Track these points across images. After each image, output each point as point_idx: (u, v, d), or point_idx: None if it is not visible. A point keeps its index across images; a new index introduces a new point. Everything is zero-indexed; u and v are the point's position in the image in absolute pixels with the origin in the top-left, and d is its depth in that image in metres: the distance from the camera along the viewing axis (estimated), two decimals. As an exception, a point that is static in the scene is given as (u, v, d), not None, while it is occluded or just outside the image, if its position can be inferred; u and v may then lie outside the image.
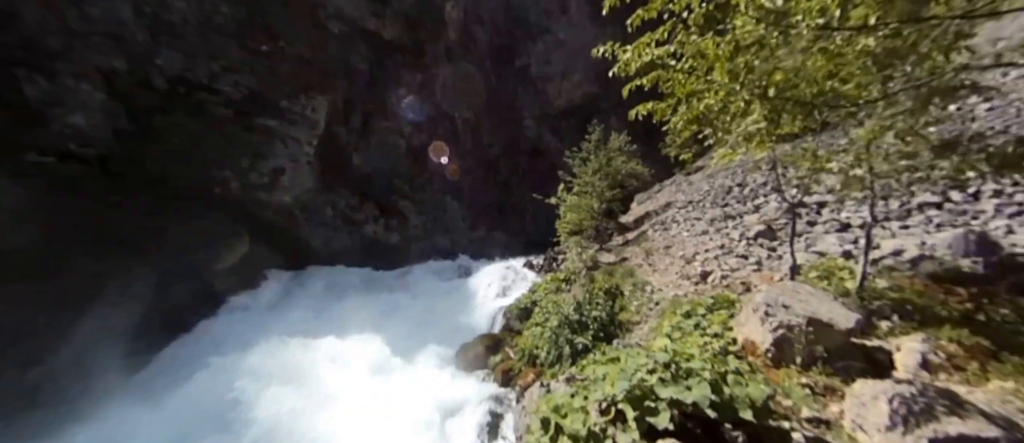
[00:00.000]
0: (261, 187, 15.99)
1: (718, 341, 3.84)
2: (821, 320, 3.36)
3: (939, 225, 9.19)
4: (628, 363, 2.43)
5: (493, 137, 28.61)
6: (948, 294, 5.82)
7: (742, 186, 15.76)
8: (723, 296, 5.05)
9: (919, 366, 3.40)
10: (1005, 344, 3.74)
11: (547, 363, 7.35)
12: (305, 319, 11.77)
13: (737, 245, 10.11)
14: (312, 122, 18.10)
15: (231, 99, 16.01)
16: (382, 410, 7.43)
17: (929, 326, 4.20)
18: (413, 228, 21.88)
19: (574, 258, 13.29)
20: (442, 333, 10.88)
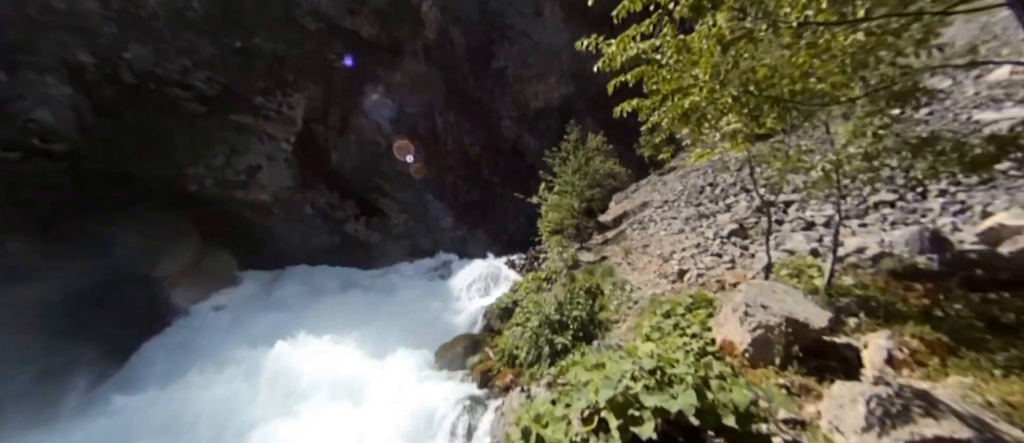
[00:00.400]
0: (237, 184, 15.33)
1: (697, 341, 3.84)
2: (797, 320, 3.39)
3: (894, 223, 9.61)
4: (613, 369, 2.37)
5: (473, 137, 28.38)
6: (907, 290, 6.05)
7: (713, 186, 16.10)
8: (701, 295, 5.09)
9: (885, 362, 3.48)
10: (962, 339, 3.88)
11: (526, 363, 7.28)
12: (280, 321, 11.29)
13: (712, 243, 10.29)
14: (289, 119, 17.47)
15: (204, 95, 15.28)
16: (355, 416, 7.19)
17: (893, 322, 4.33)
18: (394, 226, 21.46)
19: (555, 257, 13.29)
20: (421, 334, 10.67)
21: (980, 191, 9.48)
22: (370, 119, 22.56)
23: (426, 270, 18.40)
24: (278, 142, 16.87)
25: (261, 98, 16.71)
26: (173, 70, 14.68)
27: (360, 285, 15.13)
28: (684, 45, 3.31)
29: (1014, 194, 8.97)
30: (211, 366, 9.39)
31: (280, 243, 16.72)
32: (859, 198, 10.65)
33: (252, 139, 16.04)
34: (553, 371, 6.14)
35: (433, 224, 23.57)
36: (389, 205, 21.45)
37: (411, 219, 22.26)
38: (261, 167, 15.98)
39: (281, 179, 16.76)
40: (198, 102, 15.07)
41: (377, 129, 22.78)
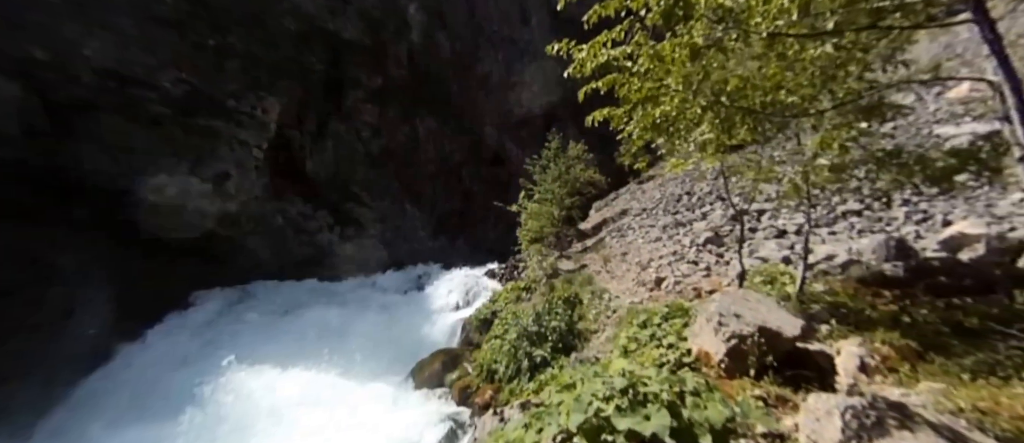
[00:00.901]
0: (202, 194, 14.62)
1: (674, 352, 3.78)
2: (770, 329, 3.36)
3: (861, 231, 9.95)
4: (584, 390, 2.25)
5: (455, 144, 28.15)
6: (876, 297, 6.19)
7: (690, 194, 16.41)
8: (677, 304, 5.07)
9: (858, 369, 3.49)
10: (930, 345, 3.94)
11: (505, 378, 7.08)
12: (246, 340, 10.61)
13: (688, 251, 10.40)
14: (262, 124, 16.89)
15: (170, 97, 14.56)
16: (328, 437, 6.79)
17: (863, 329, 4.38)
18: (371, 237, 20.94)
19: (535, 266, 13.19)
20: (398, 349, 10.25)
21: (941, 201, 9.92)
22: (348, 125, 22.10)
23: (404, 281, 17.94)
24: (249, 148, 16.26)
25: (233, 101, 16.09)
26: (137, 69, 13.91)
27: (334, 299, 14.54)
28: (655, 53, 3.29)
29: (972, 204, 9.41)
30: (161, 407, 8.46)
31: (248, 257, 15.97)
32: (828, 207, 11.00)
33: (221, 145, 15.40)
34: (532, 386, 5.99)
35: (412, 234, 23.15)
36: (366, 215, 20.95)
37: (388, 229, 21.79)
38: (230, 175, 15.33)
39: (251, 188, 16.12)
40: (163, 104, 14.35)
41: (356, 135, 22.32)
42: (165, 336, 11.81)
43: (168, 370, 9.72)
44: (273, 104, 17.39)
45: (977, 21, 2.60)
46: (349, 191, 20.80)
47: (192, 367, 9.57)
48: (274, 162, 17.77)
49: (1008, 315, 4.70)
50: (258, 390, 8.45)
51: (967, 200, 9.65)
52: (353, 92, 22.58)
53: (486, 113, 30.37)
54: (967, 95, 14.46)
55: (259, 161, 16.57)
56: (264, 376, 8.90)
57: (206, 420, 7.75)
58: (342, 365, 9.32)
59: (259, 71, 17.16)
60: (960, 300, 5.53)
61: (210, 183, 14.81)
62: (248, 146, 16.19)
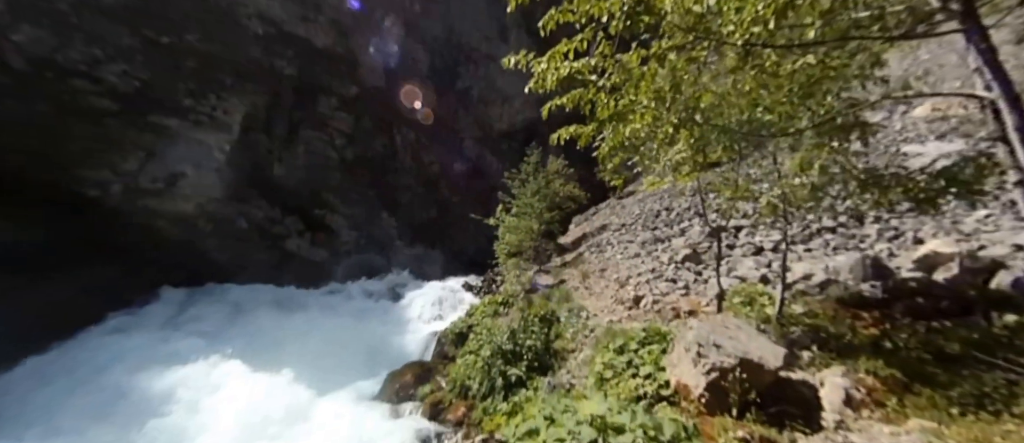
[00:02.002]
0: (151, 193, 13.67)
1: (651, 384, 3.48)
2: (752, 361, 3.10)
3: (836, 248, 10.05)
4: (549, 436, 1.91)
5: (433, 155, 27.78)
6: (855, 319, 6.11)
7: (669, 210, 16.45)
8: (654, 328, 4.81)
9: (844, 403, 3.27)
10: (915, 374, 3.78)
11: (479, 396, 6.66)
12: (197, 345, 9.69)
13: (666, 268, 10.25)
14: (223, 125, 16.06)
15: (117, 92, 13.59)
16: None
17: (845, 357, 4.21)
18: (344, 244, 20.16)
19: (512, 280, 12.85)
20: (367, 360, 9.61)
21: (910, 218, 10.16)
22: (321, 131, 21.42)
23: (377, 290, 17.24)
24: (210, 149, 15.42)
25: (190, 100, 15.23)
26: (78, 60, 12.84)
27: (299, 306, 13.74)
28: (622, 66, 3.06)
29: (939, 221, 9.64)
30: (88, 409, 7.68)
31: (205, 259, 15.03)
32: (803, 224, 11.13)
33: (177, 144, 14.50)
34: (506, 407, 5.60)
35: (387, 243, 22.46)
36: (338, 222, 20.20)
37: (362, 237, 21.07)
38: (185, 175, 14.44)
39: (209, 189, 15.23)
40: (109, 98, 13.37)
41: (329, 141, 21.64)
42: (114, 331, 10.87)
43: (103, 371, 8.77)
44: (237, 106, 16.62)
45: (966, 31, 2.46)
46: (321, 197, 20.04)
47: (130, 369, 8.67)
48: (239, 165, 16.94)
49: (988, 340, 4.62)
50: (206, 392, 7.72)
51: (934, 217, 9.91)
52: (326, 99, 21.97)
53: (466, 126, 30.20)
54: (930, 114, 15.11)
55: (221, 164, 15.72)
56: (212, 382, 8.17)
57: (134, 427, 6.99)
58: (304, 374, 8.60)
59: (221, 72, 16.36)
60: (939, 323, 5.48)
61: (162, 183, 13.90)
62: (209, 147, 15.35)
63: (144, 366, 8.64)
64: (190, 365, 8.72)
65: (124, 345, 9.84)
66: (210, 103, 15.82)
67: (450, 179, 28.79)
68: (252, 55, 18.11)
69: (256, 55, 18.37)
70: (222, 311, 12.48)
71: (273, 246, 17.21)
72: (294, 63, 20.33)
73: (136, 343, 9.93)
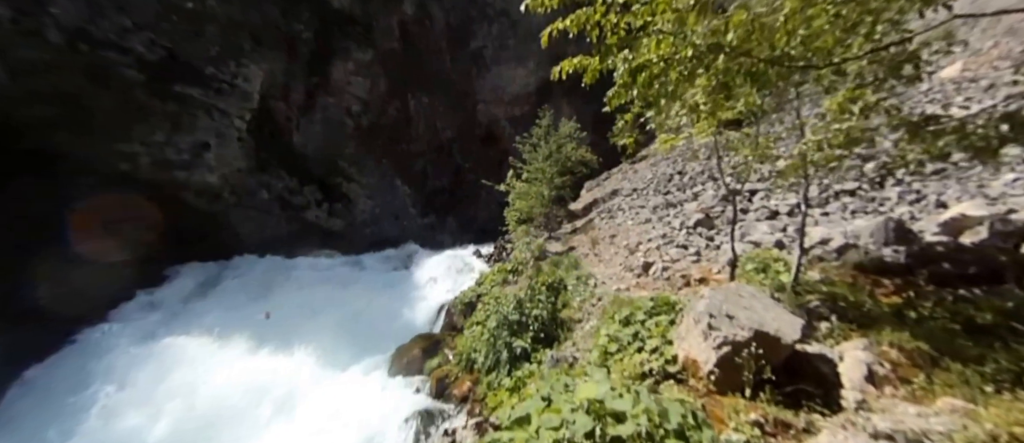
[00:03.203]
0: (179, 165, 13.74)
1: (657, 359, 3.22)
2: (768, 333, 2.78)
3: (854, 212, 9.39)
4: (542, 422, 1.68)
5: (446, 121, 27.08)
6: (875, 285, 5.67)
7: (682, 174, 15.73)
8: (663, 297, 4.50)
9: (865, 379, 2.95)
10: (944, 347, 3.41)
11: (484, 369, 6.53)
12: (220, 319, 9.87)
13: (678, 234, 9.81)
14: (244, 93, 15.82)
15: (144, 61, 13.48)
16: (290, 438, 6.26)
17: (866, 327, 3.85)
18: (360, 214, 20.20)
19: (522, 248, 12.61)
20: (378, 332, 9.62)
21: (933, 181, 9.38)
22: (337, 98, 20.99)
23: (391, 260, 17.30)
24: (230, 118, 15.27)
25: (212, 68, 15.00)
26: (109, 30, 12.79)
27: (318, 277, 13.87)
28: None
29: (964, 184, 8.85)
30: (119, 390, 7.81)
31: (230, 231, 15.21)
32: (821, 187, 10.42)
33: (199, 114, 14.40)
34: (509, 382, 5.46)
35: (401, 211, 22.42)
36: (354, 191, 20.14)
37: (378, 206, 21.04)
38: (209, 146, 14.40)
39: (233, 160, 15.22)
40: (137, 69, 13.28)
41: (345, 108, 21.24)
42: (143, 307, 11.20)
43: (134, 349, 9.07)
44: (255, 72, 16.28)
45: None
46: (337, 166, 19.92)
47: (159, 345, 8.94)
48: (259, 134, 16.82)
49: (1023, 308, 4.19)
50: (227, 365, 7.90)
51: (959, 180, 9.11)
52: (342, 64, 21.37)
53: (479, 89, 29.17)
54: (959, 75, 13.71)
55: (241, 132, 15.61)
56: (232, 355, 8.34)
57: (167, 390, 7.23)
58: (318, 347, 8.72)
59: (240, 37, 15.97)
60: (968, 291, 5.01)
61: (187, 153, 13.92)
62: (229, 116, 15.20)
63: (163, 340, 8.86)
64: (211, 338, 8.85)
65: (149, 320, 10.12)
66: (230, 70, 15.55)
67: (463, 145, 28.20)
68: (270, 18, 17.54)
69: (274, 17, 17.80)
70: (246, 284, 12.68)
71: (293, 217, 17.32)
72: (311, 26, 19.67)
73: (164, 318, 10.18)
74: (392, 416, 6.20)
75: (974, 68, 13.53)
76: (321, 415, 6.75)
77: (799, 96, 5.21)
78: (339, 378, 8.08)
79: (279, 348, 8.73)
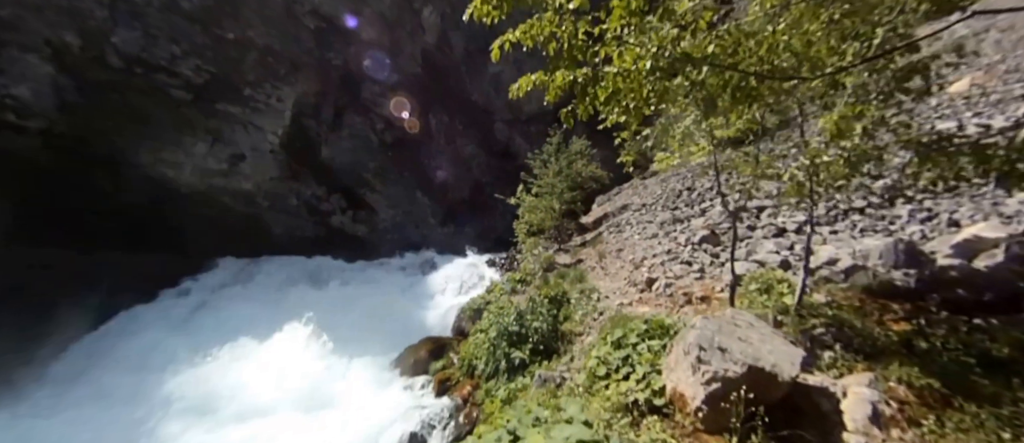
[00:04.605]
0: (218, 172, 14.32)
1: (644, 390, 2.94)
2: (763, 369, 2.50)
3: (863, 230, 8.79)
4: None
5: (466, 138, 27.37)
6: (884, 311, 5.21)
7: (691, 190, 15.24)
8: (656, 320, 4.21)
9: (870, 420, 2.62)
10: (957, 385, 3.03)
11: (484, 376, 6.35)
12: (247, 310, 10.19)
13: (683, 250, 9.40)
14: (278, 112, 16.38)
15: (191, 83, 14.22)
16: (295, 425, 6.21)
17: (873, 359, 3.48)
18: (382, 221, 20.45)
19: (530, 259, 12.41)
20: (390, 332, 9.59)
21: (946, 198, 8.72)
22: (363, 116, 21.47)
23: (410, 265, 17.37)
24: (265, 133, 15.79)
25: (250, 89, 15.63)
26: (161, 56, 13.66)
27: (339, 278, 14.06)
28: None
29: (978, 202, 8.19)
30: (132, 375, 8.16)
31: (262, 232, 15.71)
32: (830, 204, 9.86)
33: (238, 129, 14.99)
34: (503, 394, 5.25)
35: (421, 220, 22.59)
36: (378, 200, 20.42)
37: (399, 215, 21.26)
38: (244, 157, 14.93)
39: (266, 170, 15.72)
40: (184, 90, 14.01)
41: (370, 126, 21.70)
42: (180, 293, 11.70)
43: (163, 332, 9.48)
44: (289, 94, 16.83)
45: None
46: (362, 178, 20.28)
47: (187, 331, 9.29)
48: (291, 147, 17.32)
49: (1047, 346, 3.71)
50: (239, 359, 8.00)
51: (973, 198, 8.43)
52: (369, 86, 21.93)
53: (497, 109, 29.38)
54: (969, 89, 12.88)
55: (274, 146, 16.11)
56: (252, 346, 8.46)
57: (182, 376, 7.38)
58: (332, 344, 8.75)
59: (278, 64, 16.62)
60: (983, 319, 4.52)
61: (226, 163, 14.47)
62: (264, 132, 15.73)
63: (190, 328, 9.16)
64: (237, 329, 9.02)
65: (182, 307, 10.48)
66: (266, 92, 16.15)
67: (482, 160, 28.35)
68: (305, 47, 18.18)
69: (309, 47, 18.44)
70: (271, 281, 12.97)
71: (320, 222, 17.69)
72: (342, 54, 20.31)
73: (197, 305, 10.53)
74: (393, 411, 6.10)
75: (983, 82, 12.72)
76: (327, 404, 6.72)
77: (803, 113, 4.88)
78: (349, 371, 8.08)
79: (299, 337, 8.85)
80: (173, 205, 13.78)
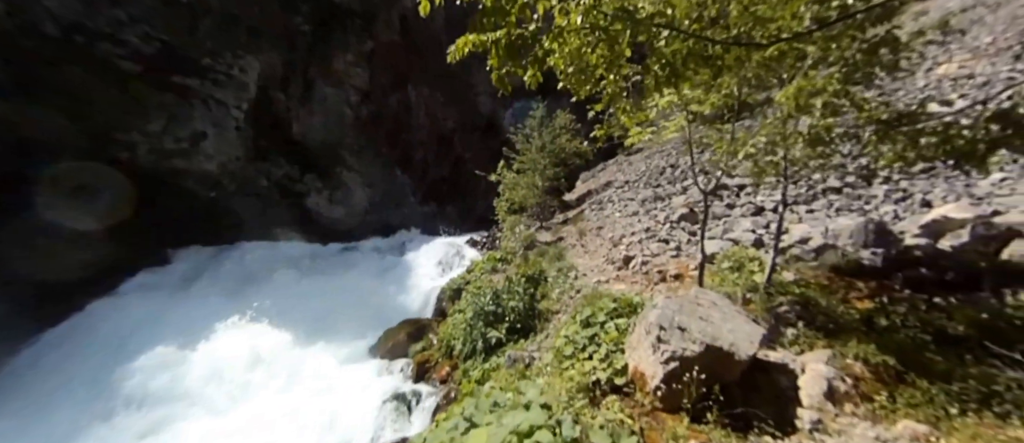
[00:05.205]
0: (177, 153, 13.47)
1: (606, 368, 2.95)
2: (721, 349, 2.51)
3: (839, 209, 9.03)
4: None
5: (447, 112, 26.59)
6: (850, 289, 5.37)
7: (674, 167, 15.31)
8: (626, 299, 4.22)
9: (825, 396, 2.68)
10: (912, 361, 3.14)
11: (462, 356, 6.36)
12: (216, 302, 9.80)
13: (661, 228, 9.49)
14: (241, 84, 15.41)
15: (140, 53, 13.13)
16: (260, 419, 6.11)
17: (834, 336, 3.57)
18: (360, 202, 19.94)
19: (511, 237, 12.35)
20: (368, 316, 9.44)
21: (921, 179, 8.99)
22: (337, 88, 20.53)
23: (388, 247, 17.10)
24: (228, 108, 14.90)
25: (209, 59, 14.58)
26: (103, 23, 12.46)
27: (314, 262, 13.70)
28: None
29: (952, 183, 8.45)
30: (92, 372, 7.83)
31: (229, 217, 15.02)
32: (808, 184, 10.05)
33: (196, 104, 14.05)
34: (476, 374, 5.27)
35: (401, 199, 22.15)
36: (355, 179, 19.84)
37: (378, 194, 20.77)
38: (206, 135, 14.09)
39: (231, 149, 14.91)
40: (133, 60, 12.94)
41: (345, 99, 20.80)
42: (142, 287, 11.10)
43: (125, 329, 9.02)
44: (253, 64, 15.83)
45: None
46: (338, 155, 19.58)
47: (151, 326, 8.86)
48: (258, 123, 16.46)
49: (999, 322, 3.87)
50: (218, 347, 7.77)
51: (947, 179, 8.71)
52: (342, 55, 20.85)
53: (480, 82, 28.54)
54: (957, 71, 13.13)
55: (239, 122, 15.26)
56: (223, 337, 8.22)
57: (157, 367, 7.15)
58: (305, 330, 8.57)
59: (237, 30, 15.47)
60: (943, 298, 4.70)
61: (185, 142, 13.63)
62: (226, 106, 14.83)
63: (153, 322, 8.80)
64: (206, 320, 8.74)
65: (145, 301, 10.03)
66: (227, 62, 15.12)
67: (464, 136, 27.74)
68: (269, 11, 16.99)
69: (272, 11, 17.24)
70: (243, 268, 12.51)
71: (294, 204, 17.08)
72: (311, 20, 19.11)
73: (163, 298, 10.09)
74: (371, 396, 6.06)
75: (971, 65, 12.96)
76: (301, 391, 6.64)
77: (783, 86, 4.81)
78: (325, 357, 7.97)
79: (272, 328, 8.62)
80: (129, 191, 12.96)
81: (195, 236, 13.67)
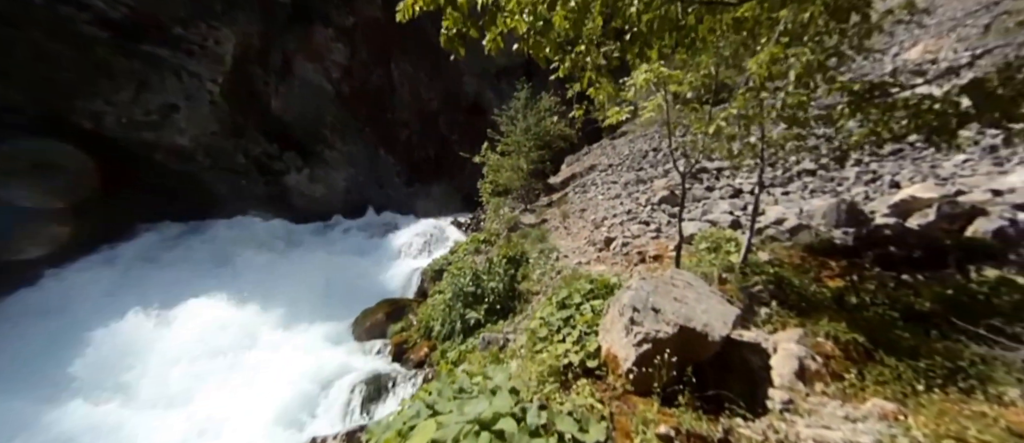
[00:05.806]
0: (146, 125, 12.64)
1: (578, 351, 2.83)
2: (694, 329, 2.39)
3: (813, 191, 9.13)
4: None
5: (432, 90, 25.73)
6: (822, 268, 5.39)
7: (656, 150, 15.24)
8: (602, 280, 4.11)
9: (796, 375, 2.63)
10: (880, 338, 3.12)
11: (440, 337, 6.22)
12: (185, 277, 9.32)
13: (642, 210, 9.42)
14: (216, 56, 14.46)
15: (107, 18, 12.10)
16: (239, 395, 5.90)
17: (806, 314, 3.55)
18: (342, 180, 19.32)
19: (495, 219, 12.16)
20: (347, 297, 9.15)
21: (890, 161, 9.13)
22: (317, 63, 19.53)
23: (370, 227, 16.67)
24: (202, 80, 14.00)
25: (181, 28, 13.58)
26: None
27: (293, 241, 13.23)
28: None
29: (918, 165, 8.59)
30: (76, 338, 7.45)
31: (203, 193, 14.32)
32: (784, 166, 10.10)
33: (168, 75, 13.14)
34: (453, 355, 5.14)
35: (384, 179, 21.57)
36: (336, 158, 19.15)
37: (360, 173, 20.15)
38: (178, 108, 13.24)
39: (205, 123, 14.08)
40: (98, 26, 11.93)
41: (325, 74, 19.84)
42: (102, 262, 10.53)
43: (89, 300, 8.54)
44: (228, 36, 14.83)
45: None
46: (318, 133, 18.80)
47: (114, 298, 8.41)
48: (234, 98, 15.57)
49: (963, 297, 3.91)
50: (184, 325, 7.41)
51: (914, 161, 8.86)
52: (322, 30, 19.77)
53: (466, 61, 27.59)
54: (922, 56, 13.28)
55: (214, 95, 14.38)
56: (191, 315, 7.84)
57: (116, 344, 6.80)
58: (278, 308, 8.25)
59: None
60: (911, 275, 4.75)
61: (156, 114, 12.79)
62: (200, 78, 13.93)
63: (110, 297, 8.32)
64: (174, 296, 8.31)
65: (110, 275, 9.47)
66: (201, 32, 14.10)
67: (449, 116, 27.00)
68: (243, -20, 15.82)
69: (248, -19, 16.08)
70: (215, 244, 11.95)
71: (272, 182, 16.39)
72: (287, -10, 17.93)
73: (123, 273, 9.54)
74: (346, 378, 5.87)
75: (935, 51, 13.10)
76: (274, 372, 6.38)
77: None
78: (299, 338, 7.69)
79: (243, 308, 8.25)
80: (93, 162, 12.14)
81: (166, 212, 13.00)
